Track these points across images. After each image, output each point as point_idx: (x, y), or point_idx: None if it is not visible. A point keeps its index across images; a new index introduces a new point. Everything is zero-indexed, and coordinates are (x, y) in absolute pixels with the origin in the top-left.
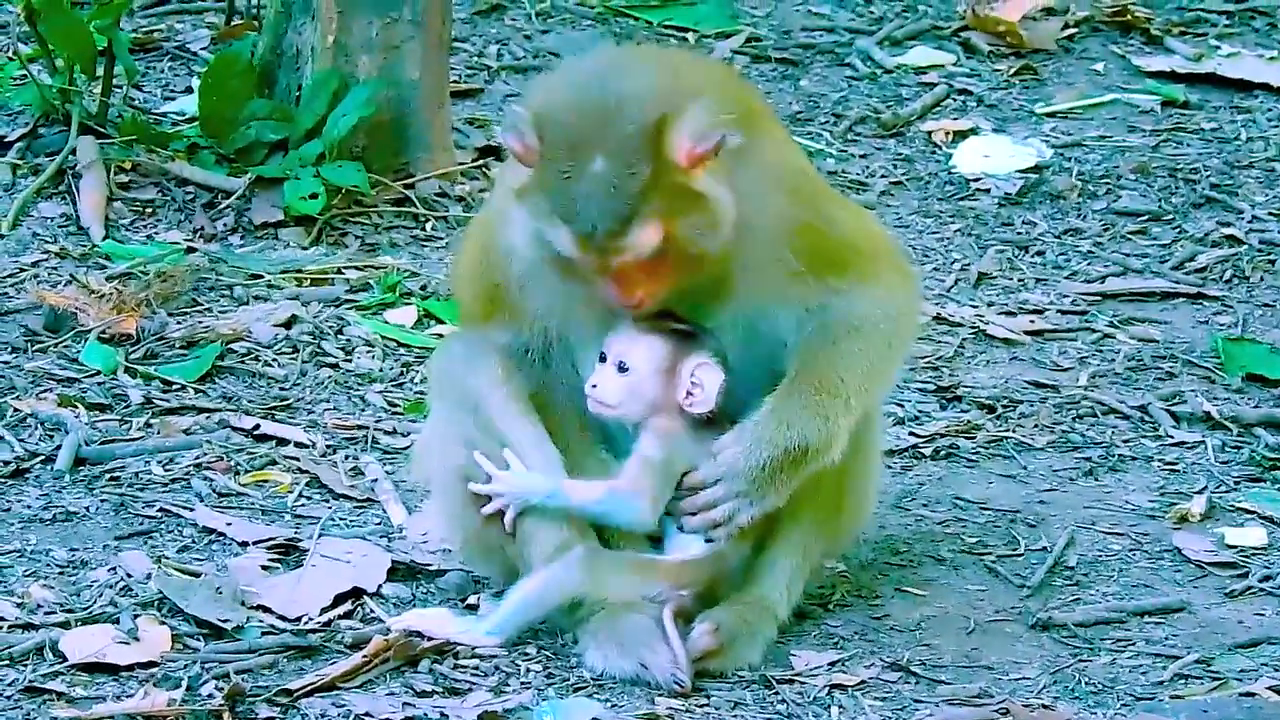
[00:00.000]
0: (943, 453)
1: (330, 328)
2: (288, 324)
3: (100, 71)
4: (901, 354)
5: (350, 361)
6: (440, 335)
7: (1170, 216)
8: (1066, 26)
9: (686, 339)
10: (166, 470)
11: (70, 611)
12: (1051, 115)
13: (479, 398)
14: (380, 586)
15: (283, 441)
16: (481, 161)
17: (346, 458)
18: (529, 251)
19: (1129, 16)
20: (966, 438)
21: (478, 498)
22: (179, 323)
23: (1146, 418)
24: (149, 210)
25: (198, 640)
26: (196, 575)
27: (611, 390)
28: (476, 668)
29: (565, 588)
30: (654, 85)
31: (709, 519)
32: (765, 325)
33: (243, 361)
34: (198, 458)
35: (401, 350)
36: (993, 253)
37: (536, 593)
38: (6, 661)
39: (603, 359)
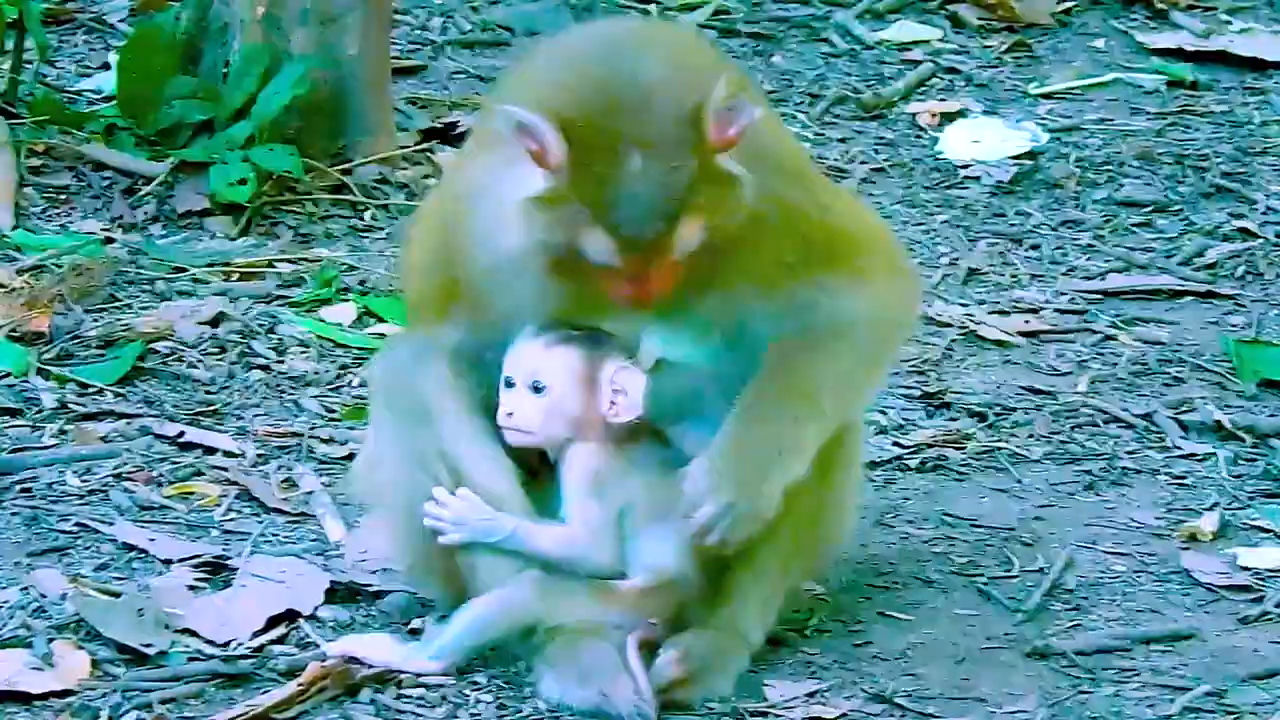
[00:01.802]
0: (930, 465)
1: (261, 326)
2: (214, 322)
3: (10, 46)
4: (889, 360)
5: (283, 363)
6: (381, 335)
7: (1177, 207)
8: None
9: (595, 345)
10: (83, 481)
11: None
12: (1047, 96)
13: (428, 408)
14: (317, 609)
15: (210, 450)
16: (425, 145)
17: (279, 468)
18: (532, 255)
19: None
20: (956, 448)
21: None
22: (96, 320)
23: (1152, 427)
24: (63, 197)
25: (118, 667)
26: (116, 596)
27: (530, 415)
28: (422, 698)
29: (517, 612)
30: (675, 69)
31: (720, 547)
32: (750, 322)
33: (165, 363)
34: (117, 468)
35: (339, 351)
36: (984, 246)
37: (486, 616)
38: None
39: (510, 384)
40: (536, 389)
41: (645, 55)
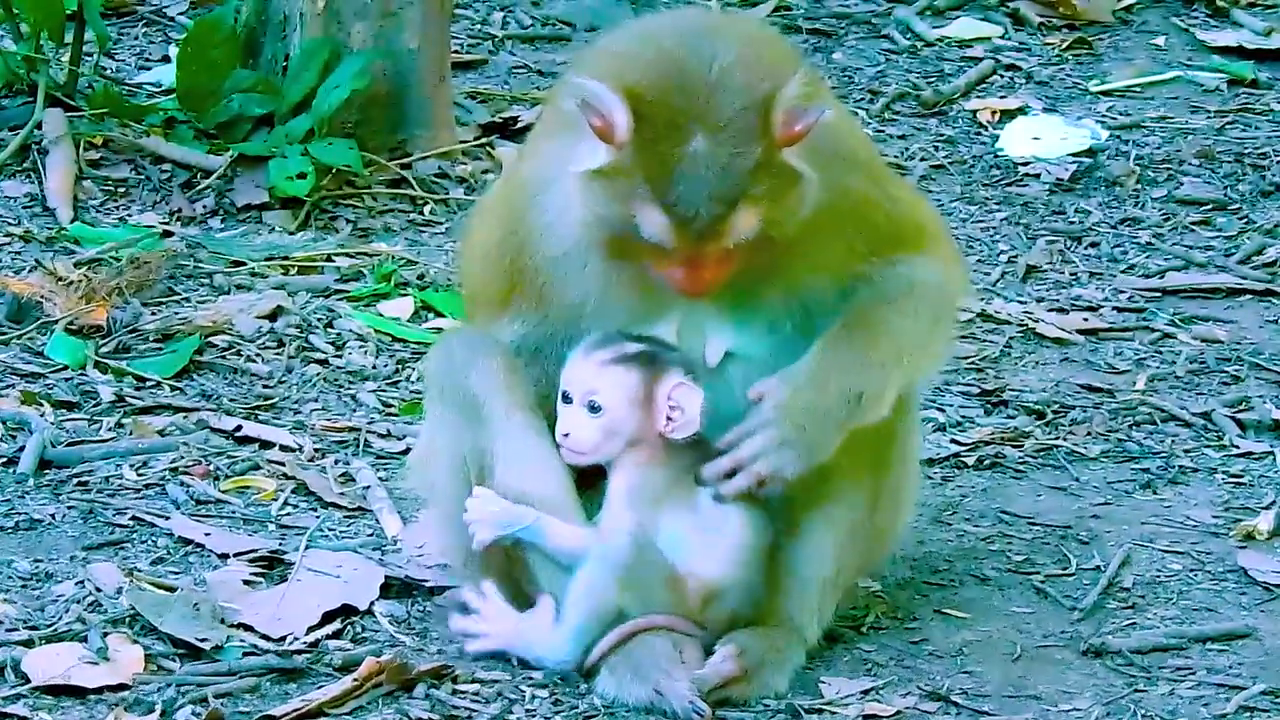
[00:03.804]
0: (987, 462)
1: (319, 320)
2: (272, 316)
3: (69, 38)
4: (951, 328)
5: (340, 357)
6: (438, 330)
7: (1236, 205)
8: None
9: (652, 362)
10: (139, 475)
11: (34, 629)
12: (1108, 94)
13: (479, 405)
14: (373, 604)
15: (266, 444)
16: (485, 140)
17: (336, 462)
18: (588, 233)
19: None
20: (1013, 446)
21: None
22: (154, 313)
23: (1210, 425)
24: (122, 190)
25: (173, 661)
26: (172, 590)
27: (585, 435)
28: (477, 693)
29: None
30: (751, 60)
31: (753, 474)
32: (818, 309)
33: (223, 356)
34: (173, 461)
35: (396, 345)
36: (1043, 244)
37: (589, 596)
38: None
39: (566, 399)
40: (593, 409)
41: (722, 43)
